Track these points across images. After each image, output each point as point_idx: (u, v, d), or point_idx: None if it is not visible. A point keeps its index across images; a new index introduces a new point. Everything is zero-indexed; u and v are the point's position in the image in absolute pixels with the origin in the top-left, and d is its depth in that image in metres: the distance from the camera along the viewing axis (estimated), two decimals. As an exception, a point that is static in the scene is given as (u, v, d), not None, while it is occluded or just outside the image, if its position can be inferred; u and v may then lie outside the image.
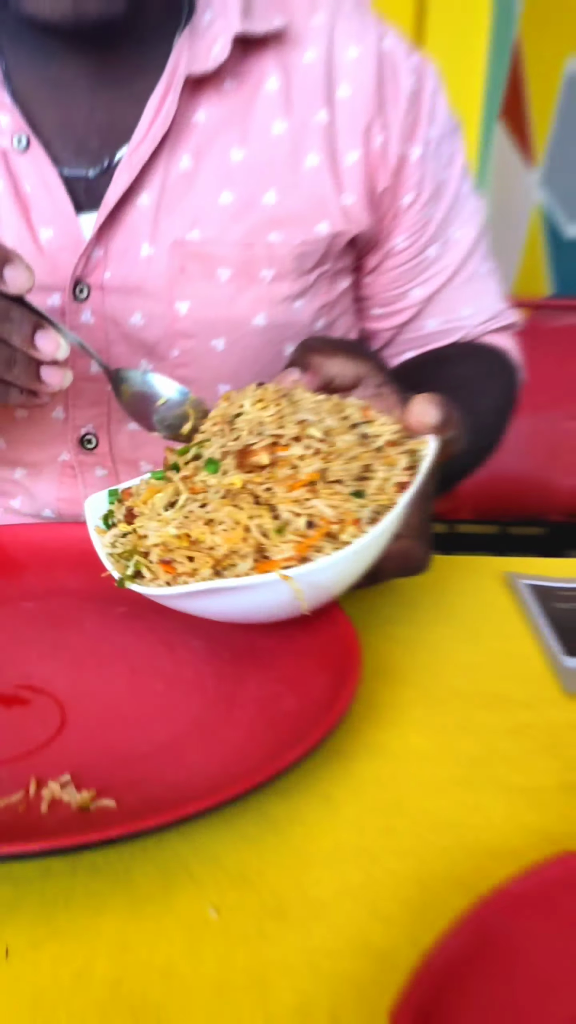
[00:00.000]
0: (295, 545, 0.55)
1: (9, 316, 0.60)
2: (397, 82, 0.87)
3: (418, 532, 0.66)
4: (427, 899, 0.47)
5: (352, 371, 0.67)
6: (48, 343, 0.60)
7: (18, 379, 0.61)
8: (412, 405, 0.62)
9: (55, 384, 0.62)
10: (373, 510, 0.57)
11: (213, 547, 0.56)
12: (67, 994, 0.41)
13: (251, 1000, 0.41)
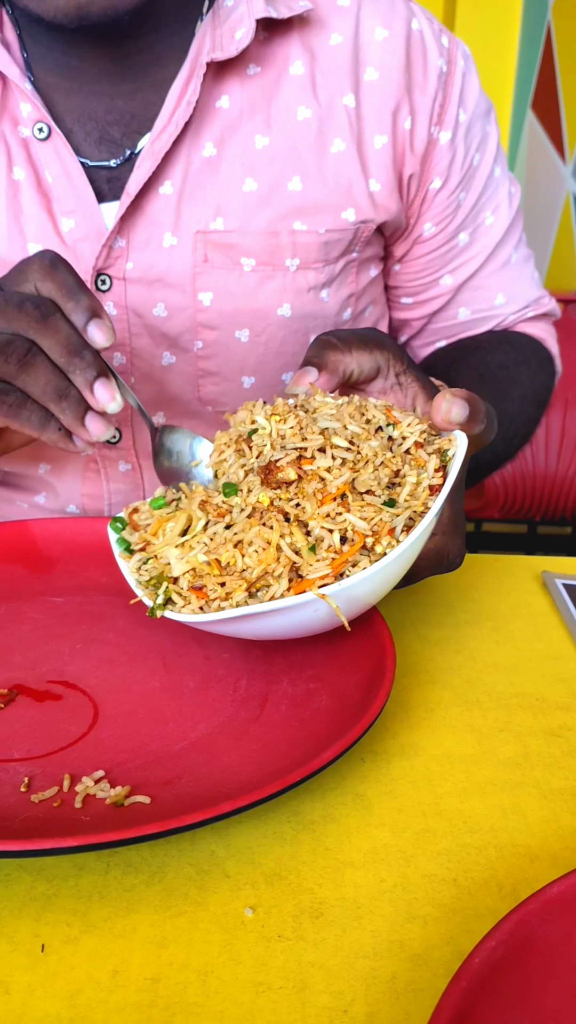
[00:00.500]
0: (330, 562, 0.54)
1: (82, 354, 0.61)
2: (426, 64, 0.85)
3: (451, 527, 0.65)
4: (464, 901, 0.47)
5: (370, 363, 0.65)
6: (106, 392, 0.61)
7: (63, 414, 0.61)
8: (437, 401, 0.61)
9: (96, 434, 0.61)
10: (407, 517, 0.56)
11: (245, 569, 0.55)
12: (104, 992, 0.41)
13: (288, 1001, 0.41)
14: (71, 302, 0.61)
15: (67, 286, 0.62)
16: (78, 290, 0.62)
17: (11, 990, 0.41)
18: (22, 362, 0.60)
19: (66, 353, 0.60)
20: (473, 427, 0.61)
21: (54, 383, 0.61)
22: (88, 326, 0.61)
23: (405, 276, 0.95)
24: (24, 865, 0.48)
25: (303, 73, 0.82)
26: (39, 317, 0.61)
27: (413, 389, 0.66)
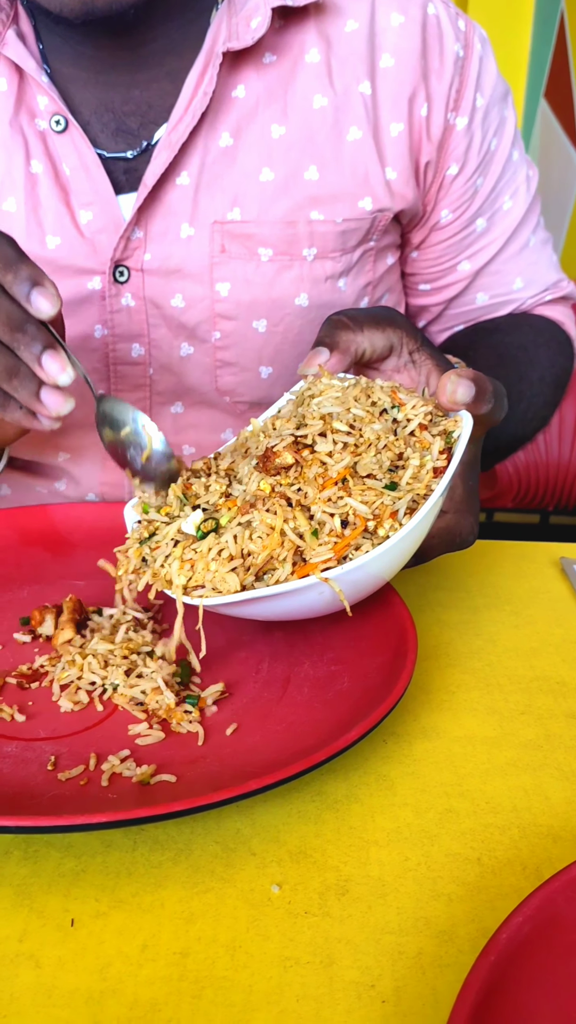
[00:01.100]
0: (332, 546, 0.55)
1: (24, 328, 0.59)
2: (442, 49, 0.84)
3: (464, 506, 0.65)
4: (488, 880, 0.47)
5: (382, 342, 0.65)
6: (54, 364, 0.58)
7: (17, 391, 0.59)
8: (442, 382, 0.60)
9: (53, 407, 0.59)
10: (410, 500, 0.56)
11: (251, 553, 0.55)
12: (134, 965, 0.42)
13: (316, 975, 0.41)
14: (9, 274, 0.59)
15: (4, 259, 0.59)
16: (16, 261, 0.59)
17: (42, 964, 0.42)
18: None
19: (8, 330, 0.58)
20: (480, 407, 0.61)
21: (1, 362, 0.59)
22: (31, 296, 0.59)
23: (422, 263, 0.95)
24: (52, 842, 0.48)
25: (319, 61, 0.82)
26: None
27: (427, 367, 0.66)
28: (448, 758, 0.56)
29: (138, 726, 0.55)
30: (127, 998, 0.40)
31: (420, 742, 0.57)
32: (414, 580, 0.75)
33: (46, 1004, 0.40)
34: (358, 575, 0.54)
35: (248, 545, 0.55)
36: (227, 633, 0.64)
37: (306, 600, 0.55)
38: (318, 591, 0.54)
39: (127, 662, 0.59)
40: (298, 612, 0.58)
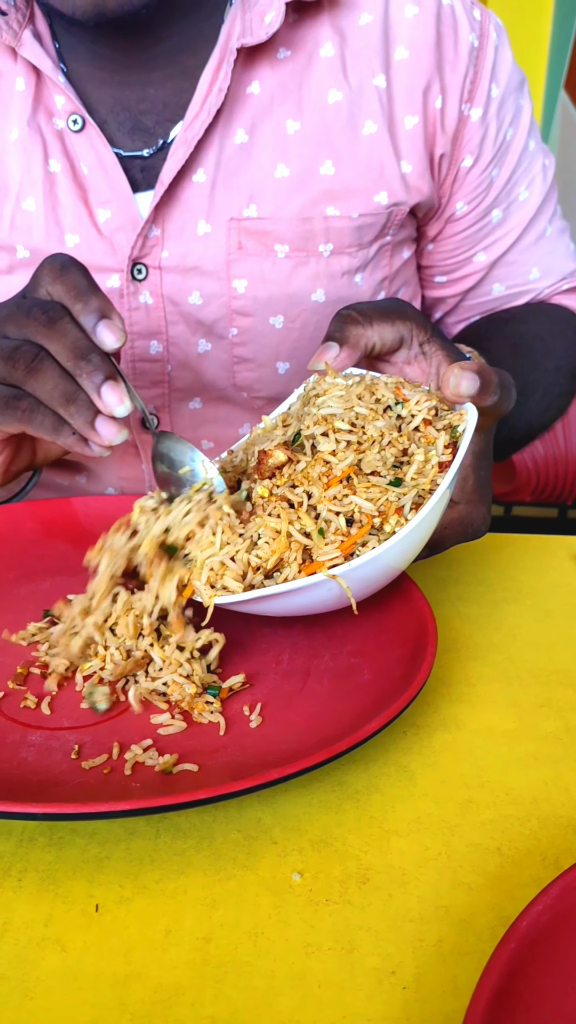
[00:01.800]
0: (338, 545, 0.55)
1: (88, 357, 0.60)
2: (457, 40, 0.84)
3: (476, 496, 0.65)
4: (508, 870, 0.47)
5: (392, 335, 0.65)
6: (113, 395, 0.60)
7: (74, 418, 0.60)
8: (446, 376, 0.60)
9: (107, 437, 0.60)
10: (416, 495, 0.57)
11: (259, 568, 0.56)
12: (158, 950, 0.42)
13: (338, 961, 0.42)
14: (79, 304, 0.61)
15: (76, 288, 0.61)
16: (87, 292, 0.61)
17: (67, 948, 0.42)
18: (29, 367, 0.61)
19: (73, 357, 0.60)
20: (485, 399, 0.60)
21: (62, 388, 0.60)
22: (97, 327, 0.61)
23: (438, 255, 0.95)
24: (77, 829, 0.49)
25: (333, 55, 0.82)
26: (46, 322, 0.61)
27: (437, 358, 0.66)
28: (468, 750, 0.56)
29: (160, 716, 0.56)
30: (151, 982, 0.41)
31: (440, 734, 0.57)
32: (434, 574, 0.75)
33: (72, 987, 0.40)
34: (365, 571, 0.55)
35: (255, 557, 0.56)
36: (248, 625, 0.65)
37: (315, 596, 0.56)
38: (326, 587, 0.55)
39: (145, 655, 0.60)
40: (307, 608, 0.58)
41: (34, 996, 0.40)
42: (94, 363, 0.60)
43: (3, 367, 0.62)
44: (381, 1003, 0.40)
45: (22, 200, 0.82)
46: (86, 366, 0.60)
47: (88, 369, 0.60)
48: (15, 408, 0.62)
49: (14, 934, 0.43)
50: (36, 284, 0.64)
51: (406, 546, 0.56)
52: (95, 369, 0.60)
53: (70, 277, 0.62)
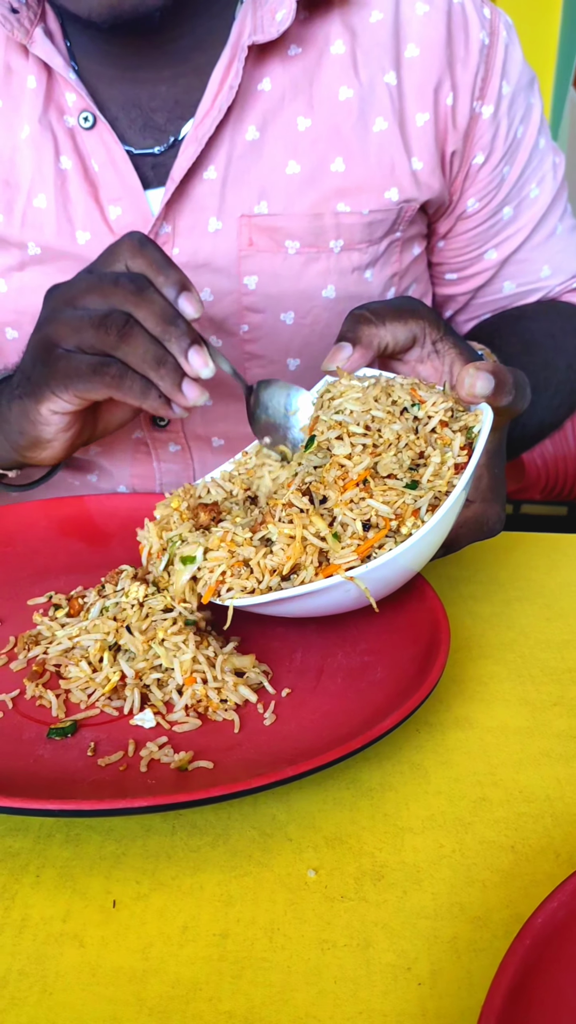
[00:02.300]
0: (355, 548, 0.56)
1: (176, 323, 0.64)
2: (467, 37, 0.84)
3: (490, 495, 0.65)
4: (522, 867, 0.48)
5: (405, 334, 0.65)
6: (200, 358, 0.63)
7: (162, 380, 0.64)
8: (461, 376, 0.61)
9: (192, 398, 0.64)
10: (432, 497, 0.57)
11: (276, 570, 0.57)
12: (175, 946, 0.43)
13: (353, 957, 0.42)
14: (162, 276, 0.65)
15: (157, 262, 0.65)
16: (167, 265, 0.65)
17: (85, 943, 0.43)
18: (121, 333, 0.64)
19: (162, 323, 0.63)
20: (500, 399, 0.61)
21: (152, 351, 0.63)
22: (179, 298, 0.64)
23: (449, 252, 0.95)
24: (94, 825, 0.49)
25: (344, 52, 0.82)
26: (135, 291, 0.64)
27: (450, 356, 0.66)
28: (481, 748, 0.56)
29: (175, 714, 0.56)
30: (169, 977, 0.41)
31: (453, 732, 0.58)
32: (446, 573, 0.75)
33: (91, 982, 0.41)
34: (382, 573, 0.55)
35: (271, 561, 0.57)
36: (262, 624, 0.65)
37: (332, 598, 0.56)
38: (343, 589, 0.55)
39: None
40: (325, 609, 0.59)
41: (53, 991, 0.41)
42: (181, 328, 0.64)
43: (94, 334, 0.65)
44: (396, 999, 0.40)
45: (33, 197, 0.83)
46: (175, 331, 0.63)
47: (176, 334, 0.63)
48: (103, 374, 0.65)
49: (32, 930, 0.43)
50: (113, 259, 0.67)
51: (422, 548, 0.56)
52: (182, 334, 0.63)
53: (150, 252, 0.66)
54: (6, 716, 0.55)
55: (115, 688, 0.57)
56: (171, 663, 0.57)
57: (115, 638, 0.59)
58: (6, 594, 0.68)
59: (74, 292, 0.67)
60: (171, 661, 0.57)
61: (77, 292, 0.67)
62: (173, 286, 0.64)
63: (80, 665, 0.58)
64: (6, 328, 0.86)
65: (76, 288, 0.67)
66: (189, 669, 0.57)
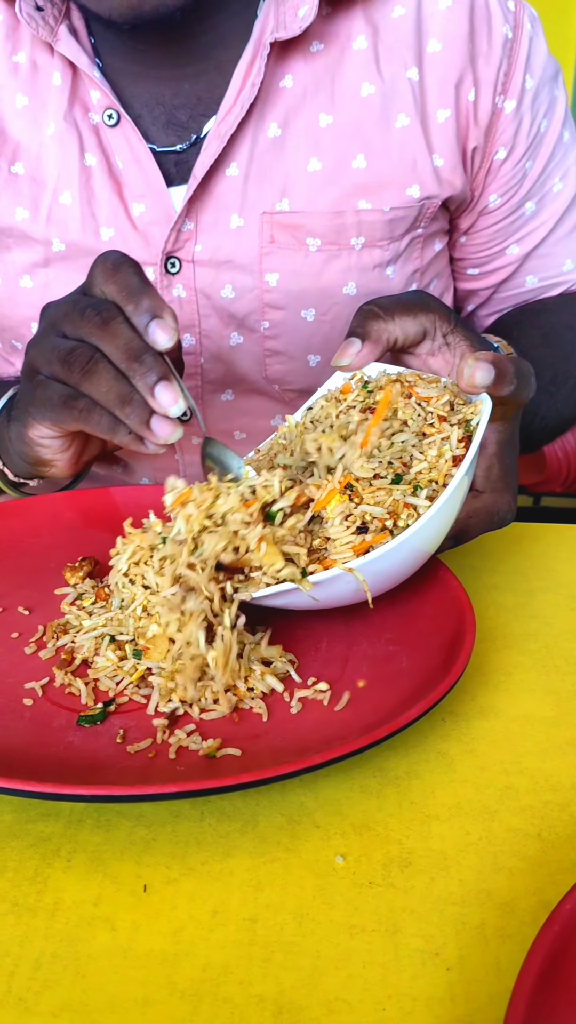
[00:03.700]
0: (352, 546, 0.56)
1: (141, 358, 0.61)
2: (490, 31, 0.83)
3: (501, 484, 0.65)
4: (548, 855, 0.48)
5: (415, 328, 0.65)
6: (167, 395, 0.60)
7: (128, 419, 0.62)
8: (460, 368, 0.60)
9: (162, 436, 0.61)
10: (431, 490, 0.58)
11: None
12: (205, 930, 0.43)
13: (382, 942, 0.43)
14: (131, 304, 0.62)
15: (128, 287, 0.62)
16: (139, 291, 0.62)
17: (117, 927, 0.43)
18: (85, 370, 0.62)
19: (126, 358, 0.61)
20: (501, 389, 0.60)
21: (116, 389, 0.61)
22: (149, 327, 0.61)
23: (471, 248, 0.95)
24: (123, 811, 0.50)
25: (366, 48, 0.82)
26: (100, 323, 0.62)
27: (461, 348, 0.66)
28: (506, 737, 0.56)
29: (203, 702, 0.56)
30: (200, 960, 0.42)
31: (478, 721, 0.58)
32: (469, 563, 0.75)
33: (122, 965, 0.41)
34: (380, 565, 0.56)
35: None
36: (287, 615, 0.66)
37: (333, 591, 0.57)
38: (344, 581, 0.56)
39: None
40: (327, 602, 0.59)
41: (85, 973, 0.41)
42: (147, 364, 0.61)
43: (60, 369, 0.64)
44: (425, 983, 0.41)
45: (59, 194, 0.83)
46: (139, 367, 0.61)
47: (141, 370, 0.61)
48: (72, 408, 0.64)
49: (65, 913, 0.44)
50: (91, 282, 0.65)
51: (421, 539, 0.57)
52: (148, 370, 0.61)
53: (122, 276, 0.63)
54: (36, 704, 0.56)
55: (143, 676, 0.58)
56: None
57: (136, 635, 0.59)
58: (34, 584, 0.69)
59: (56, 316, 0.66)
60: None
61: (57, 317, 0.65)
62: (144, 314, 0.61)
63: (107, 654, 0.59)
64: (31, 323, 0.87)
65: (58, 312, 0.66)
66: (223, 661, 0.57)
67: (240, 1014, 0.39)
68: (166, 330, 0.61)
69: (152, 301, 0.62)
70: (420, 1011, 0.39)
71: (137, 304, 0.62)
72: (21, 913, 0.44)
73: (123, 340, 0.61)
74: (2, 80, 0.83)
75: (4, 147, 0.84)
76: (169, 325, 0.61)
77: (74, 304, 0.64)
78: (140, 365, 0.61)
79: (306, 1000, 0.40)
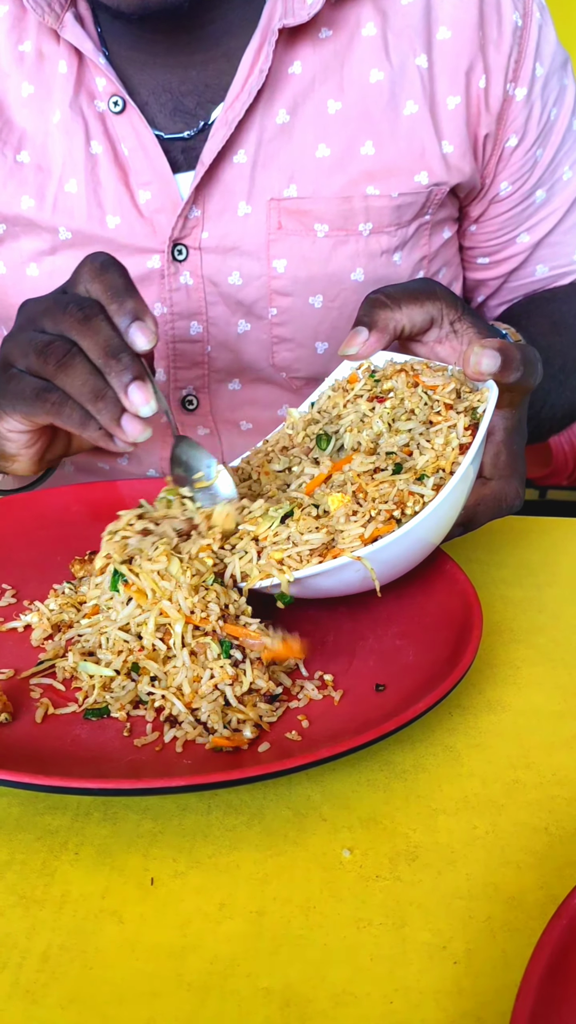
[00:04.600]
0: (360, 536, 0.57)
1: (118, 356, 0.61)
2: (500, 19, 0.83)
3: (508, 471, 0.65)
4: (556, 849, 0.48)
5: (422, 316, 0.65)
6: (140, 395, 0.61)
7: (100, 414, 0.62)
8: (466, 355, 0.60)
9: (132, 434, 0.62)
10: (438, 478, 0.58)
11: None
12: (213, 923, 0.43)
13: (389, 936, 0.43)
14: (115, 304, 0.63)
15: (113, 288, 0.63)
16: (124, 292, 0.63)
17: (124, 919, 0.43)
18: (60, 363, 0.62)
19: (103, 355, 0.61)
20: (507, 376, 0.60)
21: (91, 384, 0.62)
22: (130, 328, 0.62)
23: (481, 236, 0.94)
24: (130, 804, 0.50)
25: (375, 34, 0.82)
26: (81, 319, 0.62)
27: (468, 335, 0.66)
28: (514, 731, 0.56)
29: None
30: (207, 953, 0.42)
31: (485, 715, 0.58)
32: (476, 557, 0.75)
33: (130, 958, 0.42)
34: (388, 553, 0.56)
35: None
36: (293, 609, 0.65)
37: (341, 578, 0.57)
38: (352, 569, 0.56)
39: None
40: (335, 590, 0.60)
41: (93, 966, 0.41)
42: (124, 362, 0.61)
43: (36, 361, 0.64)
44: (433, 977, 0.41)
45: (64, 182, 0.83)
46: (116, 364, 0.61)
47: (118, 368, 0.61)
48: (44, 400, 0.64)
49: (72, 906, 0.44)
50: (76, 280, 0.65)
51: (428, 527, 0.57)
52: (124, 368, 0.61)
53: (108, 276, 0.63)
54: (43, 696, 0.56)
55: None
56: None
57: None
58: (41, 577, 0.69)
59: (36, 312, 0.66)
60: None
61: (36, 313, 0.66)
62: (126, 315, 0.62)
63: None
64: None
65: (38, 308, 0.66)
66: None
67: (247, 1007, 0.39)
68: (146, 333, 0.62)
69: (136, 304, 0.63)
70: (428, 1004, 0.39)
71: (121, 304, 0.63)
72: (29, 905, 0.44)
73: (102, 337, 0.62)
74: (8, 68, 0.83)
75: (10, 135, 0.84)
76: (149, 329, 0.62)
77: (56, 300, 0.64)
78: (117, 363, 0.61)
79: (314, 993, 0.40)
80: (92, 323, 0.62)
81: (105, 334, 0.62)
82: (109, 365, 0.61)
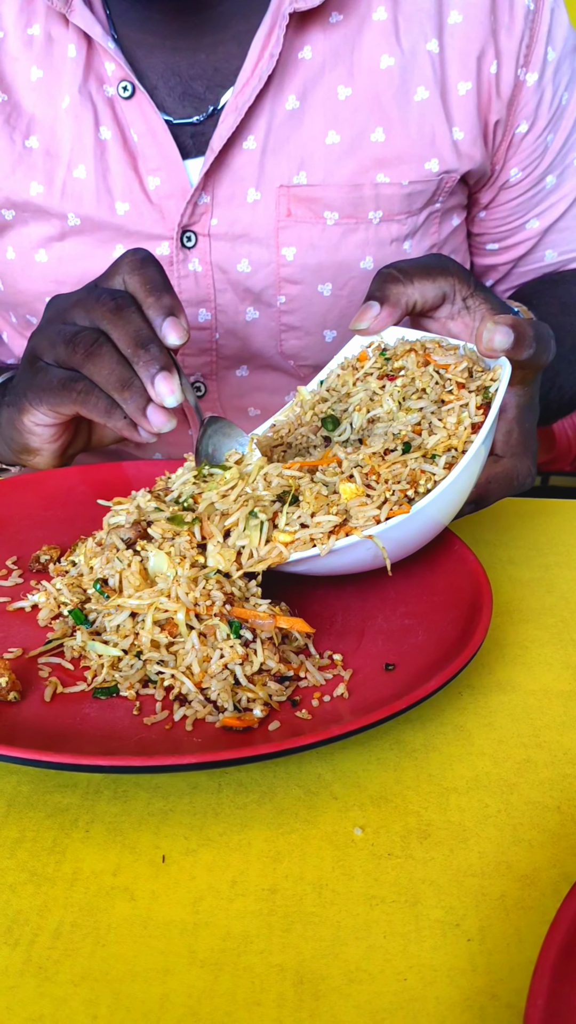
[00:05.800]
0: (375, 518, 0.56)
1: (147, 347, 0.62)
2: (512, 3, 0.82)
3: (520, 449, 0.65)
4: (568, 828, 0.48)
5: (434, 292, 0.65)
6: (167, 386, 0.61)
7: (126, 403, 0.62)
8: (479, 331, 0.60)
9: (157, 424, 0.62)
10: (449, 457, 0.58)
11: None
12: (225, 900, 0.43)
13: (402, 913, 0.42)
14: (151, 297, 0.63)
15: (152, 282, 0.64)
16: (161, 288, 0.64)
17: (136, 897, 0.43)
18: (89, 351, 0.63)
19: (132, 345, 0.62)
20: (520, 352, 0.60)
21: (118, 373, 0.62)
22: (164, 323, 0.62)
23: (491, 222, 0.94)
24: (141, 783, 0.50)
25: (386, 19, 0.81)
26: (113, 308, 0.63)
27: (481, 311, 0.66)
28: (524, 710, 0.56)
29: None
30: (220, 930, 0.42)
31: (496, 695, 0.58)
32: (484, 538, 0.75)
33: (142, 935, 0.41)
34: (401, 531, 0.56)
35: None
36: (301, 588, 0.65)
37: (353, 556, 0.57)
38: (364, 547, 0.56)
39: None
40: (347, 567, 0.60)
41: (105, 943, 0.41)
42: (152, 353, 0.62)
43: (64, 350, 0.64)
44: (446, 954, 0.41)
45: (73, 168, 0.82)
46: (144, 355, 0.62)
47: (146, 358, 0.62)
48: (71, 390, 0.65)
49: (84, 883, 0.44)
50: (113, 272, 0.66)
51: (440, 506, 0.57)
52: (152, 359, 0.62)
53: (148, 272, 0.64)
54: (52, 675, 0.56)
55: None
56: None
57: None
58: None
59: (66, 305, 0.67)
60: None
61: (67, 306, 0.67)
62: (161, 310, 0.63)
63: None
64: (45, 297, 0.86)
65: (68, 301, 0.67)
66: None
67: (261, 984, 0.39)
68: (178, 329, 0.63)
69: (172, 300, 0.64)
70: (441, 981, 0.39)
71: (158, 298, 0.63)
72: (40, 883, 0.44)
73: (132, 327, 0.62)
74: (16, 53, 0.82)
75: (19, 120, 0.83)
76: (182, 325, 0.63)
77: (88, 291, 0.65)
78: (145, 353, 0.62)
79: (327, 971, 0.40)
80: (123, 313, 0.63)
81: (135, 324, 0.63)
82: (138, 355, 0.62)
